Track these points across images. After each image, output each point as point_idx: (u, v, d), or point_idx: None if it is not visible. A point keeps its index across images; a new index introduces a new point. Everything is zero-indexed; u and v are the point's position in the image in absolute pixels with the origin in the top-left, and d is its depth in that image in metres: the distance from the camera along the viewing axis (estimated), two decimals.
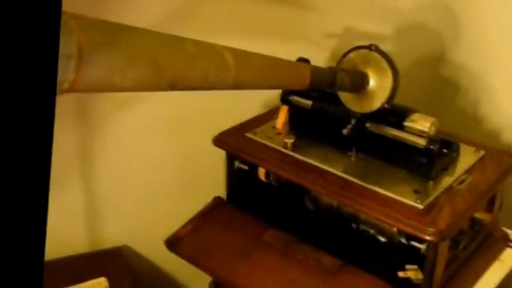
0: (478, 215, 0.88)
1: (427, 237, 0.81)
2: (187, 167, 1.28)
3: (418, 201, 0.86)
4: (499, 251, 1.01)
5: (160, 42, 0.63)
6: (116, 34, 0.58)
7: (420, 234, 0.82)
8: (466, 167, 0.95)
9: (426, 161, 0.91)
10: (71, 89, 0.56)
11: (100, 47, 0.55)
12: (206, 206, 1.07)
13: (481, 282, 0.95)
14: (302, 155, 0.97)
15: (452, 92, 1.46)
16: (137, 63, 0.60)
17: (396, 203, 0.86)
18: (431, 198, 0.87)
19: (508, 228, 1.04)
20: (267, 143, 1.01)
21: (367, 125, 0.94)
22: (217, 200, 1.08)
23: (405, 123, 0.91)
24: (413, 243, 0.86)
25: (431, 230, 0.81)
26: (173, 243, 1.02)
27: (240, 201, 1.08)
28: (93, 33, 0.55)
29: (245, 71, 0.71)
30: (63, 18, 0.57)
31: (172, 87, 0.66)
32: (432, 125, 0.90)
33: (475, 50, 1.38)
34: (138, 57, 0.60)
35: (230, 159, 1.06)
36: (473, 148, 1.01)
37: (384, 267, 0.93)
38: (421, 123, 0.91)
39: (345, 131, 0.93)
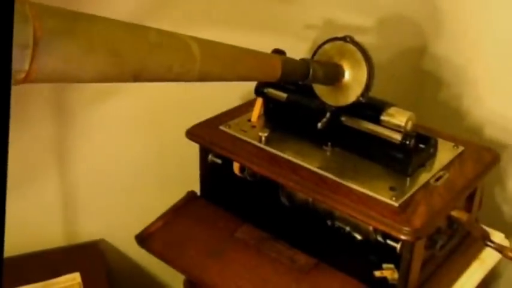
0: (455, 213, 0.86)
1: (402, 237, 0.79)
2: (163, 160, 1.25)
3: (394, 198, 0.83)
4: (479, 250, 0.99)
5: (122, 31, 0.60)
6: (73, 22, 0.55)
7: (395, 233, 0.79)
8: (444, 163, 0.93)
9: (402, 157, 0.88)
10: (27, 80, 0.53)
11: (57, 36, 0.52)
12: (178, 201, 1.04)
13: (460, 283, 0.93)
14: (276, 149, 0.94)
15: (433, 85, 1.44)
16: (97, 53, 0.56)
17: (371, 200, 0.84)
18: (407, 196, 0.84)
19: (489, 226, 1.02)
20: (241, 136, 0.98)
21: (343, 118, 0.91)
22: (190, 195, 1.05)
23: (381, 117, 0.89)
24: (389, 241, 0.84)
25: (406, 229, 0.79)
26: (144, 239, 0.99)
27: (214, 196, 1.05)
28: (49, 21, 0.52)
29: (212, 62, 0.68)
30: (18, 5, 0.53)
31: (136, 78, 0.63)
32: (409, 119, 0.87)
33: (457, 43, 1.36)
34: (98, 46, 0.56)
35: (203, 152, 1.03)
36: (452, 143, 0.98)
37: (359, 266, 0.91)
38: (398, 118, 0.88)
39: (319, 125, 0.90)
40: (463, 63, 1.35)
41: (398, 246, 0.83)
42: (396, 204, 0.83)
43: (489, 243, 0.90)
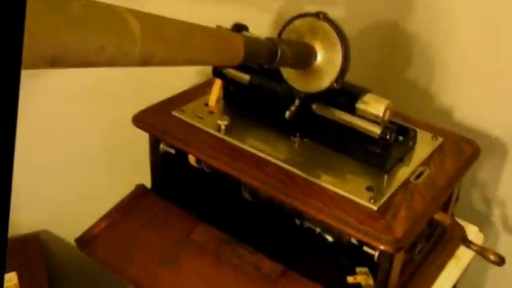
0: (438, 216, 0.73)
1: (382, 247, 0.65)
2: (112, 145, 1.08)
3: (372, 200, 0.69)
4: (455, 248, 0.86)
5: (34, 2, 0.43)
6: None
7: (373, 243, 0.66)
8: (423, 156, 0.79)
9: (380, 152, 0.74)
10: None
11: None
12: (126, 197, 0.88)
13: (438, 284, 0.81)
14: (237, 140, 0.79)
15: (404, 62, 1.30)
16: None
17: (346, 202, 0.69)
18: (386, 197, 0.70)
19: (461, 219, 0.90)
20: (197, 124, 0.82)
21: (313, 106, 0.76)
22: (139, 189, 0.89)
23: (357, 105, 0.74)
24: (366, 248, 0.70)
25: (386, 238, 0.65)
26: (85, 243, 0.83)
27: (167, 190, 0.90)
28: None
29: (157, 42, 0.52)
30: None
31: (54, 63, 0.46)
32: (387, 108, 0.73)
33: (428, 18, 1.22)
34: None
35: (154, 141, 0.87)
36: (431, 134, 0.84)
37: (331, 271, 0.78)
38: (375, 106, 0.73)
39: (287, 114, 0.75)
40: (435, 40, 1.21)
41: (376, 254, 0.70)
42: (375, 208, 0.69)
43: (471, 245, 0.78)
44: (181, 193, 0.89)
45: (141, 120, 0.83)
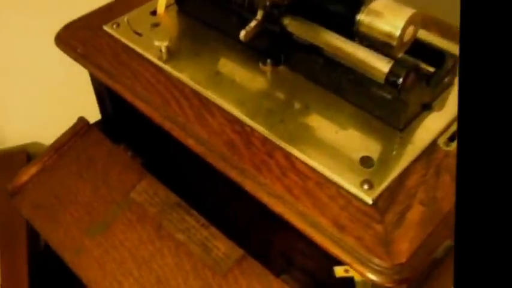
0: None
1: (371, 276, 0.35)
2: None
3: (366, 185, 0.37)
4: None
5: None
6: None
7: (357, 267, 0.35)
8: None
9: (390, 99, 0.40)
10: None
11: None
12: (63, 135, 0.59)
13: None
14: (180, 71, 0.47)
15: None
16: None
17: (322, 187, 0.37)
18: (391, 178, 0.37)
19: None
20: (132, 44, 0.50)
21: (285, 22, 0.42)
22: (79, 125, 0.60)
23: (358, 18, 0.39)
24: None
25: (379, 262, 0.34)
26: (14, 193, 0.58)
27: (115, 129, 0.60)
28: None
29: None
30: None
31: None
32: (410, 22, 0.38)
33: None
34: None
35: None
36: None
37: (310, 257, 0.49)
38: (388, 20, 0.38)
39: (242, 34, 0.41)
40: None
41: (359, 280, 0.39)
42: (369, 200, 0.37)
43: None
44: (131, 135, 0.60)
45: (64, 40, 0.52)
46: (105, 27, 0.52)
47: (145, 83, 0.46)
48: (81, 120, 0.60)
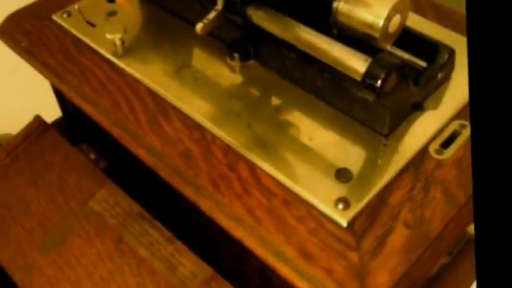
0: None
1: None
2: None
3: (340, 204, 0.32)
4: None
5: None
6: None
7: None
8: (462, 99, 0.39)
9: (370, 101, 0.35)
10: None
11: None
12: (17, 135, 0.55)
13: None
14: (137, 69, 0.42)
15: None
16: None
17: (289, 206, 0.32)
18: (371, 195, 0.32)
19: None
20: (83, 37, 0.45)
21: (249, 12, 0.37)
22: (34, 125, 0.55)
23: (336, 5, 0.34)
24: None
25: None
26: None
27: (75, 130, 0.56)
28: None
29: None
30: None
31: None
32: (394, 10, 0.33)
33: None
34: None
35: None
36: None
37: None
38: (370, 8, 0.33)
39: (199, 26, 0.36)
40: None
41: None
42: (343, 223, 0.32)
43: None
44: (95, 133, 0.55)
45: (6, 32, 0.47)
46: (54, 17, 0.47)
47: (95, 82, 0.41)
48: (37, 120, 0.55)
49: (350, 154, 0.35)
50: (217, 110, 0.38)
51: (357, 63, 0.32)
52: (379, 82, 0.30)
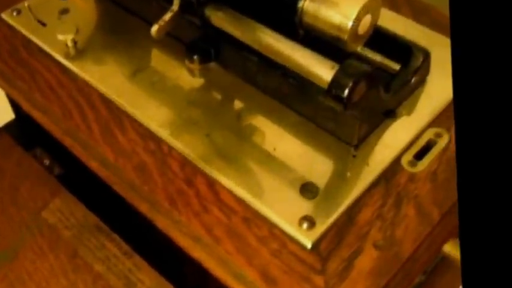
0: (449, 247, 0.33)
1: None
2: None
3: (305, 223, 0.29)
4: None
5: None
6: None
7: None
8: (444, 103, 0.38)
9: (337, 110, 0.33)
10: None
11: None
12: None
13: None
14: (90, 72, 0.39)
15: None
16: None
17: (250, 225, 0.30)
18: (338, 213, 0.30)
19: None
20: (33, 37, 0.42)
21: (208, 13, 0.34)
22: None
23: (302, 6, 0.32)
24: None
25: None
26: None
27: (29, 134, 0.52)
28: None
29: None
30: None
31: None
32: (366, 10, 0.31)
33: None
34: None
35: None
36: None
37: None
38: (338, 8, 0.31)
39: (154, 29, 0.33)
40: None
41: None
42: (307, 244, 0.30)
43: None
44: (46, 140, 0.51)
45: None
46: (3, 15, 0.43)
47: (45, 87, 0.38)
48: None
49: (316, 166, 0.33)
50: (175, 118, 0.35)
51: (322, 70, 0.30)
52: (346, 92, 0.28)
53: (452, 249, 0.32)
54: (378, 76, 0.31)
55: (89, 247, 0.45)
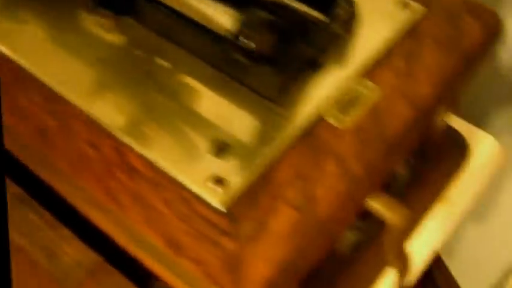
0: (373, 202, 0.32)
1: None
2: None
3: (215, 182, 0.28)
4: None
5: None
6: None
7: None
8: (373, 51, 0.36)
9: (246, 61, 0.30)
10: None
11: None
12: None
13: None
14: None
15: None
16: None
17: (158, 187, 0.28)
18: (254, 173, 0.29)
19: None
20: None
21: None
22: None
23: None
24: None
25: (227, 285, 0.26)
26: None
27: None
28: None
29: None
30: None
31: None
32: None
33: None
34: None
35: None
36: None
37: None
38: None
39: None
40: None
41: None
42: (222, 207, 0.28)
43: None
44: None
45: None
46: None
47: None
48: None
49: (234, 124, 0.31)
50: (80, 78, 0.32)
51: (224, 19, 0.27)
52: (252, 44, 0.26)
53: (375, 203, 0.31)
54: (289, 25, 0.29)
55: (11, 220, 0.42)
